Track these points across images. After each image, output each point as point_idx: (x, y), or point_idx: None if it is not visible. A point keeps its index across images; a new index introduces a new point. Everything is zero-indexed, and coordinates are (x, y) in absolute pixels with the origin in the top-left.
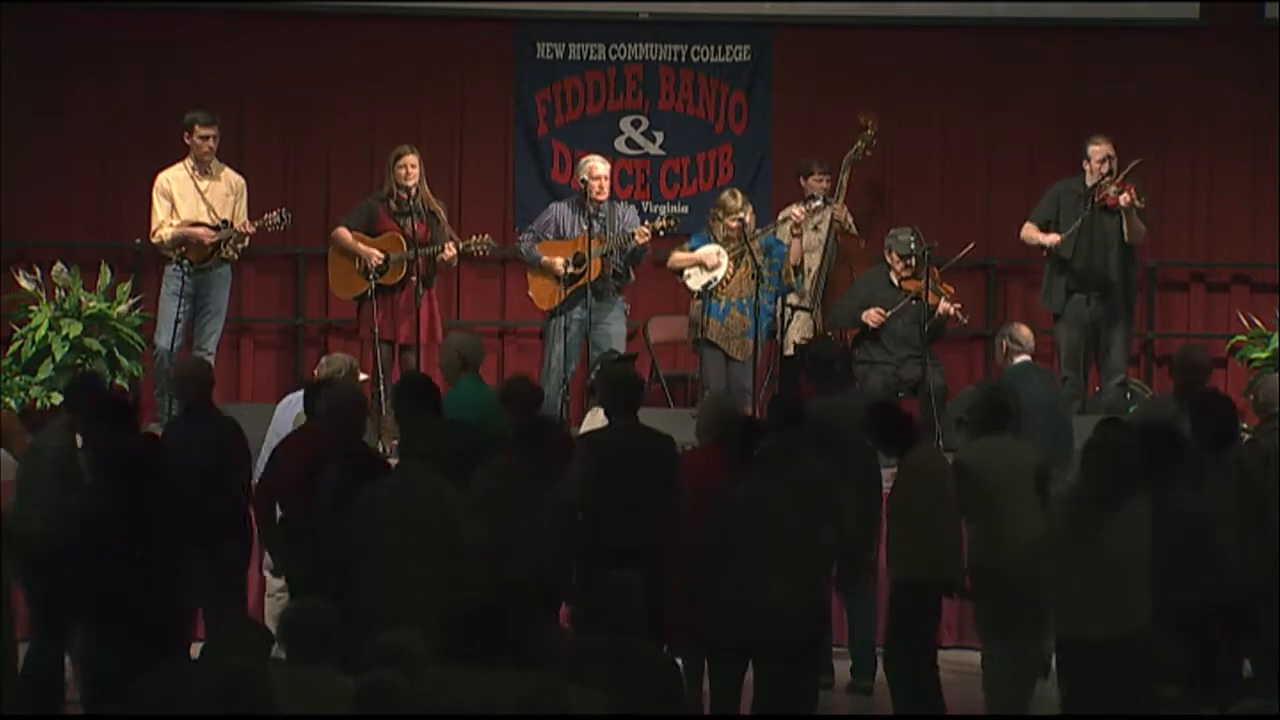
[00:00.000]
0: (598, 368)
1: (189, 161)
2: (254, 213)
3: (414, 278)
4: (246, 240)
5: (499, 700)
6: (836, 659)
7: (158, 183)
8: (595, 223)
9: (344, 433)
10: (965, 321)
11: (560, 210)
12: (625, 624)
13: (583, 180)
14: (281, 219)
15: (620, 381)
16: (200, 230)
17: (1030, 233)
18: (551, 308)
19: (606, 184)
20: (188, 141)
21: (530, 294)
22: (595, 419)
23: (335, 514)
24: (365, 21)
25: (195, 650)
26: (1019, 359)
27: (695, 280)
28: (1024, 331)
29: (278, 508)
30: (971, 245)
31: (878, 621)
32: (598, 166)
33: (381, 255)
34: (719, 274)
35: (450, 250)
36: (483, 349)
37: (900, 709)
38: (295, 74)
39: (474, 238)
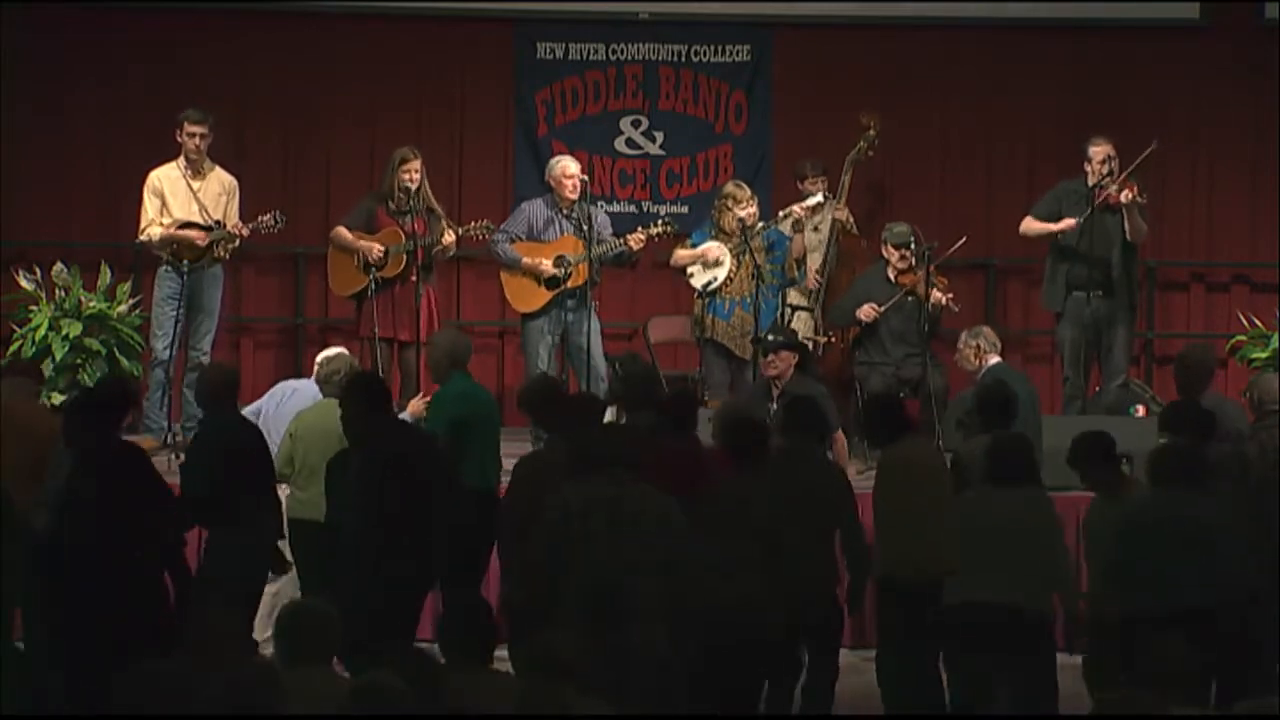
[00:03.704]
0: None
1: (181, 160)
2: (250, 213)
3: (413, 275)
4: (238, 241)
5: (499, 700)
6: None
7: (149, 180)
8: (568, 223)
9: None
10: (958, 311)
11: (533, 209)
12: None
13: (574, 180)
14: (276, 221)
15: (635, 378)
16: (193, 233)
17: (1033, 224)
18: (531, 311)
19: (578, 184)
20: (179, 138)
21: (507, 296)
22: None
23: (363, 513)
24: (365, 21)
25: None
26: (992, 360)
27: (699, 279)
28: (993, 334)
29: None
30: (964, 239)
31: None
32: (569, 166)
33: (381, 249)
34: (721, 274)
35: (449, 236)
36: (470, 347)
37: (890, 711)
38: (295, 74)
39: (473, 223)
